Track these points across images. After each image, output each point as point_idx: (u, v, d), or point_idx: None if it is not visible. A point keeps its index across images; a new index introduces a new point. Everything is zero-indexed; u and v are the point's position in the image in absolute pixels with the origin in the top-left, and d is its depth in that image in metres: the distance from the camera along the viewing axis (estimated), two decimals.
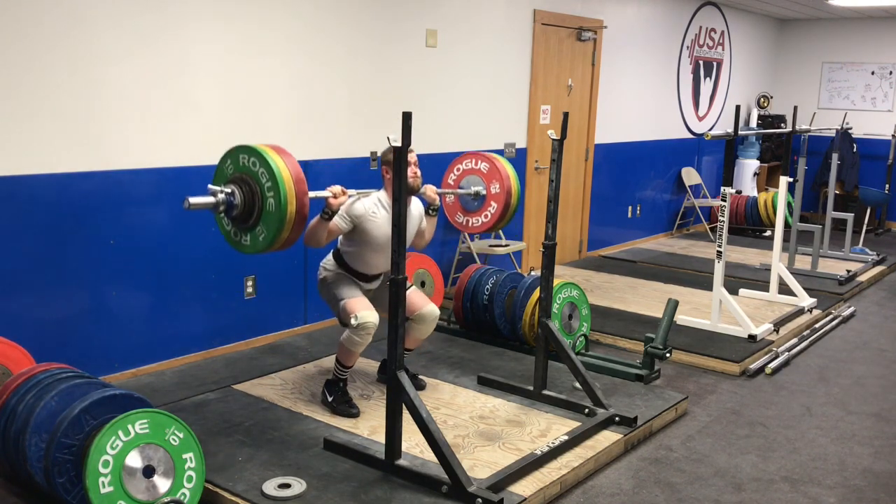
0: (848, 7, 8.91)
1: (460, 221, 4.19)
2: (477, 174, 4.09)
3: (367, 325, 3.63)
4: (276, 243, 2.98)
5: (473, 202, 4.12)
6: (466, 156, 4.14)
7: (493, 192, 4.04)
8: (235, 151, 3.05)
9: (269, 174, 2.92)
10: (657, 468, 3.54)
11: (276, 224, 2.93)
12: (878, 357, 5.19)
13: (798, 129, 6.36)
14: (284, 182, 2.91)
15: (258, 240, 3.00)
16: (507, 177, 4.03)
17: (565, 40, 6.83)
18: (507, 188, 4.01)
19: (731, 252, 7.81)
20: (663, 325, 4.44)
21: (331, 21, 4.91)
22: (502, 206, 4.02)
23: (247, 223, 3.02)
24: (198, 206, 2.95)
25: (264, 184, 2.94)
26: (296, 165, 2.99)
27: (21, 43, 3.63)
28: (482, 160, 4.08)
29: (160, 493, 2.79)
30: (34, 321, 3.83)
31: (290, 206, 2.90)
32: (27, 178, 3.73)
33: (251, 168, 2.98)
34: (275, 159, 2.93)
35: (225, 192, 2.99)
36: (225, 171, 3.09)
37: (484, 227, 4.12)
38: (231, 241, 3.14)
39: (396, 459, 3.21)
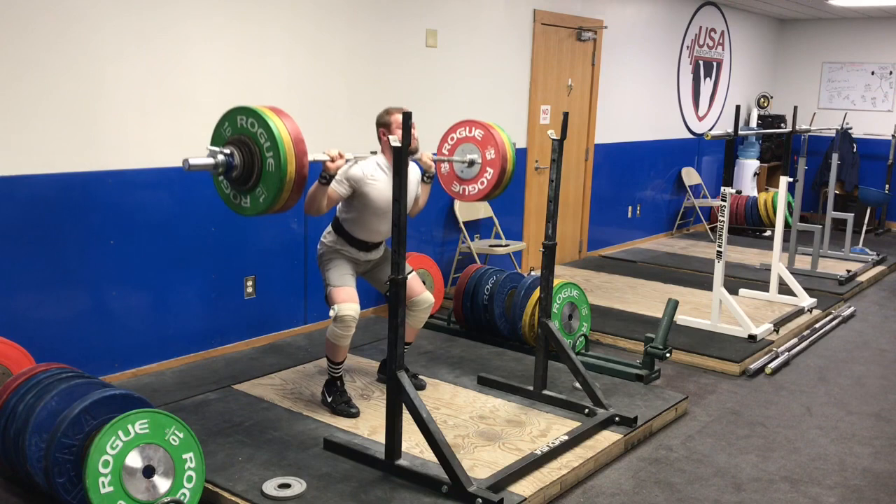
0: (848, 7, 8.91)
1: (457, 191, 4.08)
2: (471, 142, 3.99)
3: (345, 318, 3.63)
4: (276, 204, 2.92)
5: (469, 170, 4.02)
6: (460, 124, 4.05)
7: (488, 159, 3.94)
8: (233, 113, 2.99)
9: (267, 134, 2.87)
10: (657, 468, 3.54)
11: (277, 184, 2.87)
12: (878, 357, 5.19)
13: (798, 129, 6.36)
14: (284, 142, 2.86)
15: (258, 201, 2.95)
16: (501, 143, 3.93)
17: (565, 40, 6.83)
18: (503, 153, 3.91)
19: (731, 252, 7.81)
20: (663, 325, 4.44)
21: (331, 21, 4.91)
22: (498, 172, 3.91)
23: (246, 185, 2.96)
24: (197, 167, 2.90)
25: (263, 144, 2.89)
26: (295, 126, 2.94)
27: (21, 43, 3.63)
28: (476, 127, 3.98)
29: (160, 493, 2.79)
30: (34, 321, 3.83)
31: (290, 165, 2.85)
32: (27, 178, 3.73)
33: (249, 129, 2.92)
34: (273, 119, 2.88)
35: (224, 154, 2.93)
36: (223, 134, 3.02)
37: (480, 193, 4.00)
38: (231, 205, 3.08)
39: (396, 459, 3.21)
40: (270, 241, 4.82)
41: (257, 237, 4.74)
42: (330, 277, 3.77)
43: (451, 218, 5.98)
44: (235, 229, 4.61)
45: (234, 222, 4.60)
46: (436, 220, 5.92)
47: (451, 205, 5.96)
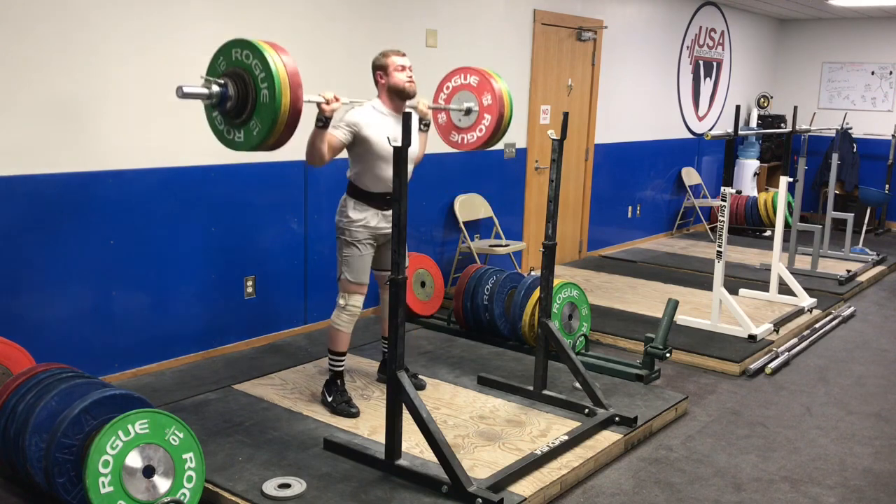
0: (848, 7, 8.91)
1: (455, 140, 4.02)
2: (467, 89, 3.92)
3: (352, 311, 3.76)
4: (270, 137, 2.89)
5: (467, 118, 3.94)
6: (455, 72, 3.98)
7: (485, 105, 3.88)
8: (228, 46, 2.96)
9: (262, 65, 2.84)
10: (657, 468, 3.53)
11: (271, 116, 2.84)
12: (878, 357, 5.19)
13: (798, 129, 6.36)
14: (279, 73, 2.82)
15: (252, 134, 2.92)
16: (498, 87, 3.87)
17: (565, 40, 6.83)
18: (500, 98, 3.85)
19: (731, 252, 7.81)
20: (663, 325, 4.44)
21: (331, 21, 4.91)
22: (496, 117, 3.85)
23: (240, 117, 2.93)
24: (191, 95, 2.87)
25: (258, 75, 2.85)
26: (291, 59, 2.90)
27: (21, 43, 3.63)
28: (472, 74, 3.92)
29: (160, 493, 2.79)
30: (34, 321, 3.83)
31: (285, 97, 2.82)
32: (27, 178, 3.73)
33: (244, 61, 2.89)
34: (269, 51, 2.85)
35: (218, 84, 2.90)
36: (217, 68, 2.99)
37: (479, 141, 3.94)
38: (224, 140, 3.06)
39: (396, 459, 3.21)
40: (270, 241, 4.82)
41: (257, 237, 4.74)
42: (350, 266, 3.76)
43: (451, 218, 5.98)
44: (235, 229, 4.61)
45: (234, 222, 4.60)
46: (436, 220, 5.92)
47: (451, 205, 5.96)
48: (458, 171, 5.96)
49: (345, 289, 3.78)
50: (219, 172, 4.46)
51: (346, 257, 3.78)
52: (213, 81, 2.91)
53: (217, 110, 2.99)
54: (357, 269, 3.77)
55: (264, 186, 4.71)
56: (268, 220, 4.78)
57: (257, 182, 4.67)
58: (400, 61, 3.72)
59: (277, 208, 4.82)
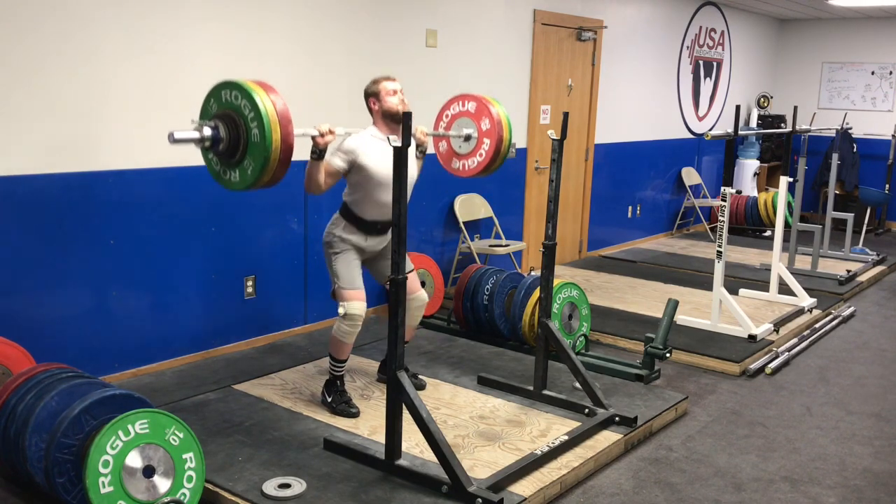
0: (848, 7, 8.91)
1: (456, 167, 4.03)
2: (466, 116, 3.94)
3: (353, 317, 3.67)
4: (264, 175, 2.92)
5: (466, 144, 3.96)
6: (453, 100, 4.01)
7: (483, 130, 3.89)
8: (218, 88, 3.01)
9: (251, 105, 2.88)
10: (657, 468, 3.54)
11: (262, 154, 2.87)
12: (878, 357, 5.19)
13: (798, 129, 6.36)
14: (268, 112, 2.87)
15: (246, 174, 2.95)
16: (495, 112, 3.88)
17: (565, 40, 6.83)
18: (498, 122, 3.86)
19: (731, 252, 7.81)
20: (663, 325, 4.44)
21: (331, 21, 4.91)
22: (495, 142, 3.85)
23: (233, 158, 2.97)
24: (183, 140, 2.91)
25: (247, 115, 2.90)
26: (279, 98, 2.95)
27: (22, 43, 3.63)
28: (469, 100, 3.94)
29: (160, 493, 2.79)
30: (34, 321, 3.83)
31: (275, 134, 2.85)
32: (27, 178, 3.73)
33: (234, 102, 2.94)
34: (257, 91, 2.90)
35: (209, 127, 2.94)
36: (209, 110, 3.04)
37: (480, 166, 3.94)
38: (221, 180, 3.09)
39: (396, 459, 3.21)
40: (270, 241, 4.82)
41: (257, 237, 4.75)
42: (339, 274, 3.76)
43: (451, 218, 5.98)
44: (235, 229, 4.61)
45: (234, 222, 4.60)
46: (436, 220, 5.92)
47: (451, 205, 5.96)
48: None
49: (340, 297, 3.73)
50: None
51: (334, 265, 3.79)
52: (204, 124, 2.96)
53: (211, 152, 3.02)
54: (346, 273, 3.76)
55: None
56: (268, 220, 4.78)
57: None
58: (391, 86, 3.75)
59: (277, 208, 4.82)
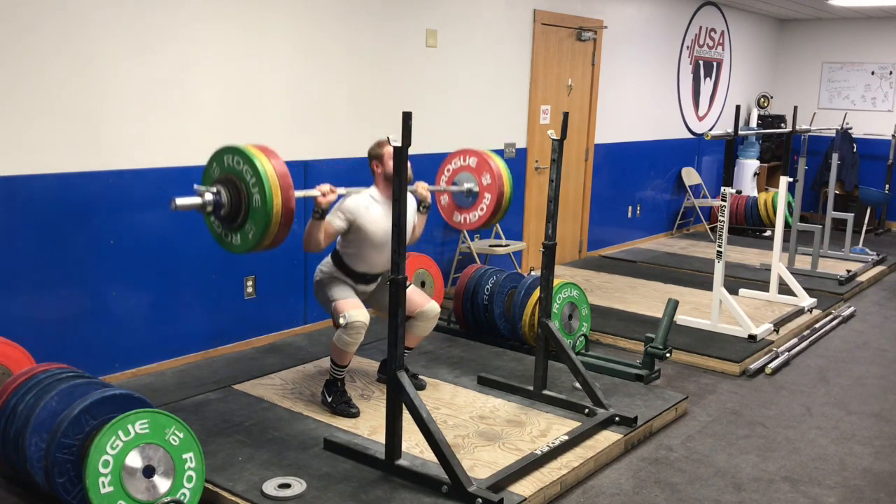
0: (848, 7, 8.91)
1: (458, 220, 4.15)
2: (467, 170, 4.03)
3: (356, 325, 3.63)
4: (265, 239, 2.97)
5: (468, 199, 4.06)
6: (454, 155, 4.11)
7: (485, 185, 3.99)
8: (220, 153, 3.08)
9: (252, 171, 2.94)
10: (657, 468, 3.54)
11: (264, 219, 2.93)
12: (878, 357, 5.19)
13: (798, 129, 6.36)
14: (268, 177, 2.91)
15: (248, 238, 3.01)
16: (496, 167, 3.97)
17: (565, 40, 6.83)
18: (498, 177, 3.95)
19: (731, 252, 7.81)
20: (663, 325, 4.44)
21: (331, 21, 4.91)
22: (496, 197, 3.95)
23: (235, 222, 3.02)
24: (185, 206, 2.97)
25: (249, 181, 2.95)
26: (280, 162, 3.00)
27: (22, 44, 3.63)
28: (470, 155, 4.04)
29: (160, 493, 2.79)
30: (34, 321, 3.83)
31: (276, 199, 2.91)
32: (27, 178, 3.73)
33: (236, 167, 3.00)
34: (258, 156, 2.95)
35: (211, 192, 3.01)
36: (212, 174, 3.12)
37: (481, 220, 4.04)
38: (222, 243, 3.15)
39: (396, 459, 3.21)
40: None
41: None
42: (331, 293, 3.79)
43: None
44: None
45: None
46: (436, 221, 5.91)
47: None
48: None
49: (339, 309, 3.70)
50: None
51: (326, 286, 3.83)
52: (206, 190, 3.01)
53: (213, 216, 3.05)
54: (340, 291, 3.79)
55: None
56: None
57: None
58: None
59: None
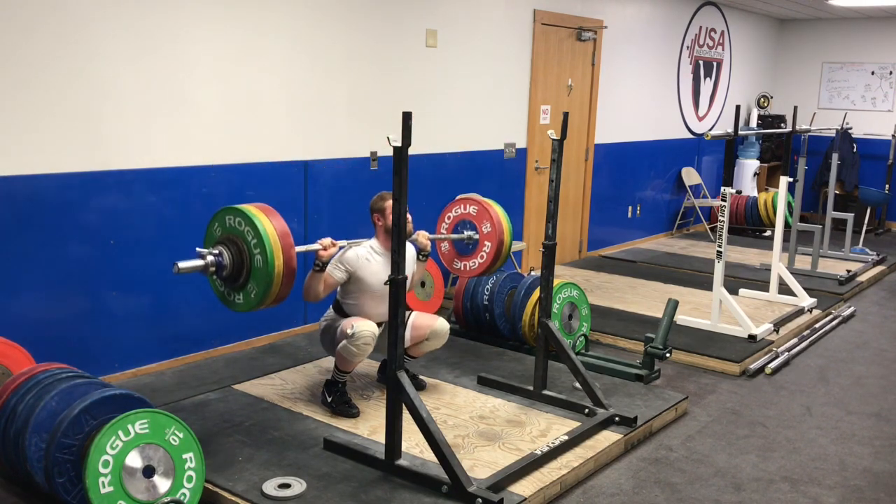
0: (848, 7, 8.91)
1: (458, 267, 4.23)
2: (467, 218, 4.14)
3: (363, 335, 3.58)
4: (267, 298, 3.04)
5: (468, 246, 4.16)
6: (455, 203, 4.21)
7: (484, 233, 4.08)
8: (221, 213, 3.13)
9: (254, 232, 3.00)
10: (657, 468, 3.54)
11: (266, 279, 2.99)
12: (878, 357, 5.19)
13: (798, 129, 6.36)
14: (269, 237, 2.98)
15: (250, 297, 3.07)
16: (496, 215, 4.07)
17: (565, 40, 6.83)
18: (498, 225, 4.06)
19: (731, 252, 7.81)
20: (663, 325, 4.44)
21: (331, 21, 4.90)
22: (496, 245, 4.05)
23: (237, 282, 3.08)
24: (187, 269, 3.03)
25: (250, 241, 3.01)
26: (281, 222, 3.07)
27: (22, 44, 3.63)
28: (470, 204, 4.14)
29: (160, 493, 2.79)
30: (34, 321, 3.83)
31: (278, 260, 2.96)
32: (27, 178, 3.73)
33: (237, 227, 3.06)
34: (259, 217, 3.02)
35: (213, 254, 3.07)
36: (213, 234, 3.17)
37: (481, 267, 4.13)
38: (225, 302, 3.22)
39: (396, 459, 3.21)
40: None
41: None
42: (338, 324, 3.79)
43: None
44: None
45: None
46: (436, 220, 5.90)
47: None
48: (457, 171, 5.95)
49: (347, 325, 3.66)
50: (219, 172, 4.46)
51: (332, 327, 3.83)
52: (208, 252, 3.06)
53: (216, 276, 3.10)
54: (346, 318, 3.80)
55: (264, 186, 4.70)
56: None
57: (257, 182, 4.66)
58: None
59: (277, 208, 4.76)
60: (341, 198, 5.12)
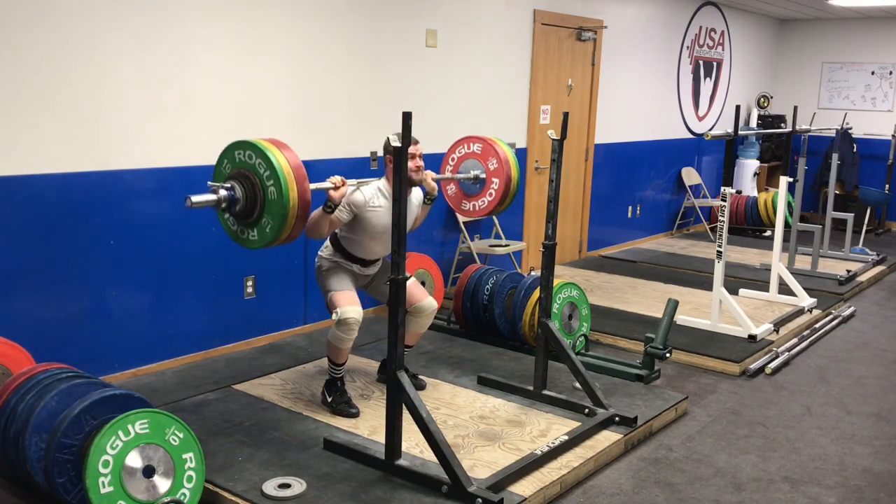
0: (848, 7, 8.91)
1: (466, 208, 4.10)
2: (472, 157, 4.01)
3: (348, 321, 3.64)
4: (283, 231, 2.96)
5: (475, 186, 4.03)
6: (458, 143, 4.08)
7: (491, 170, 3.96)
8: (230, 149, 3.05)
9: (266, 164, 2.92)
10: (657, 468, 3.54)
11: (281, 212, 2.92)
12: (878, 357, 5.19)
13: (798, 129, 6.36)
14: (283, 169, 2.90)
15: (265, 231, 2.99)
16: (502, 151, 3.95)
17: (565, 40, 6.83)
18: (505, 161, 3.92)
19: (731, 252, 7.81)
20: (663, 325, 4.44)
21: (331, 21, 4.91)
22: (504, 181, 3.92)
23: (251, 217, 3.01)
24: (200, 203, 2.95)
25: (263, 174, 2.93)
26: (293, 153, 2.99)
27: (21, 43, 3.63)
28: (474, 142, 4.01)
29: (160, 493, 2.79)
30: (34, 321, 3.83)
31: (292, 191, 2.89)
32: (27, 178, 3.73)
33: (248, 161, 2.98)
34: (270, 149, 2.93)
35: (225, 188, 2.99)
36: (223, 171, 3.09)
37: (490, 206, 4.00)
38: (238, 240, 3.13)
39: (396, 459, 3.21)
40: None
41: None
42: (329, 284, 3.80)
43: (451, 218, 5.98)
44: None
45: None
46: (436, 221, 5.92)
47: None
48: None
49: (334, 304, 3.72)
50: None
51: (326, 275, 3.82)
52: (219, 186, 2.99)
53: (228, 212, 3.03)
54: (337, 282, 3.79)
55: None
56: None
57: None
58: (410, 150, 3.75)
59: None
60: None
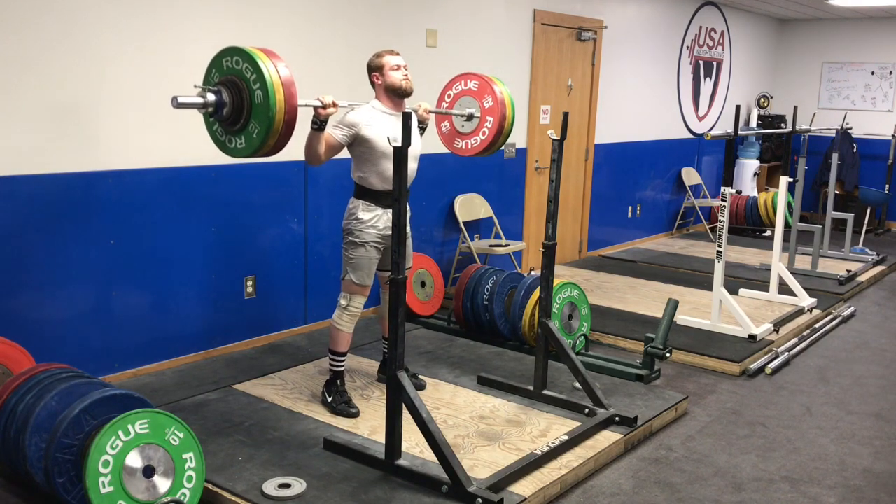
0: (848, 7, 8.91)
1: (459, 146, 4.03)
2: (468, 94, 3.94)
3: (353, 311, 3.77)
4: (269, 138, 2.93)
5: (469, 123, 3.96)
6: (456, 79, 4.01)
7: (486, 107, 3.89)
8: (219, 56, 3.03)
9: (253, 68, 2.90)
10: (657, 468, 3.54)
11: (267, 115, 2.89)
12: (878, 357, 5.19)
13: (798, 129, 6.36)
14: (269, 73, 2.89)
15: (252, 137, 2.96)
16: (499, 89, 3.89)
17: (565, 40, 6.83)
18: (500, 100, 3.87)
19: (731, 252, 7.81)
20: (663, 325, 4.44)
21: (330, 20, 4.91)
22: (498, 120, 3.86)
23: (238, 123, 2.98)
24: (186, 105, 2.92)
25: (249, 78, 2.92)
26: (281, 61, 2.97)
27: (20, 43, 3.63)
28: (472, 79, 3.95)
29: (160, 493, 2.79)
30: (34, 321, 3.83)
31: (279, 94, 2.87)
32: (27, 178, 3.73)
33: (235, 67, 2.96)
34: (258, 55, 2.92)
35: (212, 92, 2.97)
36: (211, 79, 3.06)
37: (483, 144, 3.94)
38: (226, 150, 3.10)
39: (396, 459, 3.21)
40: (270, 241, 4.82)
41: (257, 237, 4.74)
42: (356, 271, 3.76)
43: (451, 218, 5.98)
44: (235, 229, 4.61)
45: (234, 222, 4.60)
46: (436, 220, 5.92)
47: (451, 205, 5.96)
48: (457, 170, 5.96)
49: (348, 290, 3.78)
50: (219, 172, 4.46)
51: (353, 259, 3.78)
52: (207, 89, 2.98)
53: (215, 119, 3.02)
54: (363, 271, 3.77)
55: (264, 186, 4.71)
56: (268, 220, 4.78)
57: (257, 182, 4.67)
58: (395, 61, 3.75)
59: (277, 208, 4.82)
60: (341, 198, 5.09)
